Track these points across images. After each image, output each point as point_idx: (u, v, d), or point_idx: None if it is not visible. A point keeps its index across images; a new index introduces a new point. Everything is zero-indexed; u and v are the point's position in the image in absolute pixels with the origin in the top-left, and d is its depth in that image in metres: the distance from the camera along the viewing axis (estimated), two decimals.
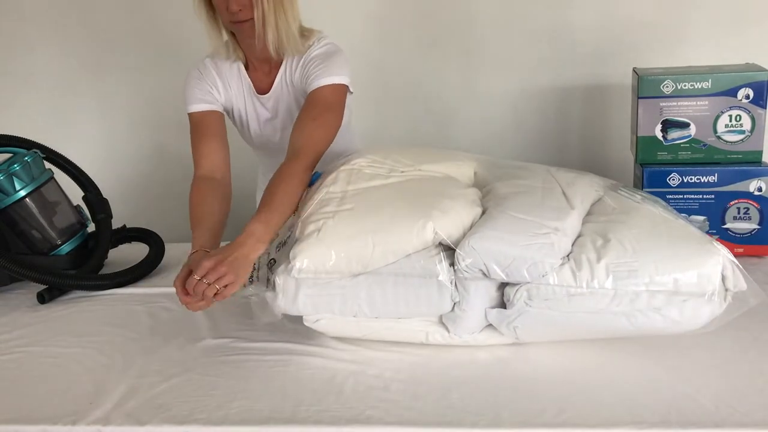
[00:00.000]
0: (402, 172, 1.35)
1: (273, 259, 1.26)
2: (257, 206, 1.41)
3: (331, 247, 1.16)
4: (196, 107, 1.58)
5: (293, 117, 1.59)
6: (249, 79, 1.63)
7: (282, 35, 1.51)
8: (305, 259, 1.15)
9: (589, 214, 1.28)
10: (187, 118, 1.59)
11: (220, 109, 1.60)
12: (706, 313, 1.12)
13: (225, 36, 1.58)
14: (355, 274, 1.18)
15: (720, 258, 1.11)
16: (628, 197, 1.33)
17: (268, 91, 1.62)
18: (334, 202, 1.24)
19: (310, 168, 1.41)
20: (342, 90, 1.54)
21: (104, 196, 1.82)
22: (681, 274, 1.11)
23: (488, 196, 1.30)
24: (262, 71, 1.63)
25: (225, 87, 1.63)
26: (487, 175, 1.41)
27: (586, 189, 1.34)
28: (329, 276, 1.18)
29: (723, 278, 1.12)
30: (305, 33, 1.59)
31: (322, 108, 1.49)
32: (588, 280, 1.11)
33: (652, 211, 1.26)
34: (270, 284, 1.21)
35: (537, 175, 1.38)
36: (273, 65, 1.61)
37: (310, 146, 1.43)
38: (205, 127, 1.57)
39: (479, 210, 1.23)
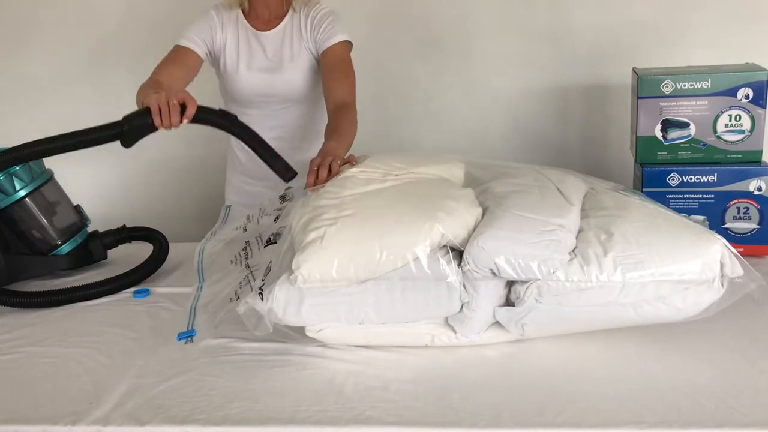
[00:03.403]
0: (396, 175, 1.35)
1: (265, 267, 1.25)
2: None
3: (336, 255, 1.14)
4: (186, 43, 1.77)
5: (291, 64, 1.79)
6: (247, 24, 1.81)
7: None
8: (310, 268, 1.13)
9: (583, 209, 1.29)
10: None
11: (198, 50, 1.77)
12: (707, 300, 1.16)
13: None
14: (362, 281, 1.17)
15: (719, 246, 1.15)
16: (618, 193, 1.36)
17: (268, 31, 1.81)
18: (333, 209, 1.22)
19: (356, 111, 1.70)
20: (350, 46, 1.80)
21: (104, 196, 1.81)
22: (685, 263, 1.14)
23: (484, 195, 1.31)
24: (261, 19, 1.81)
25: (223, 30, 1.81)
26: (478, 175, 1.42)
27: (577, 185, 1.37)
28: (335, 284, 1.16)
29: (721, 265, 1.15)
30: None
31: (345, 65, 1.76)
32: (597, 273, 1.13)
33: (647, 206, 1.29)
34: (263, 295, 1.18)
35: (528, 173, 1.39)
36: (273, 16, 1.80)
37: (351, 97, 1.74)
38: (180, 58, 1.76)
39: (480, 210, 1.23)
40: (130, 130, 1.41)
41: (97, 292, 1.54)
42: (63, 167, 1.87)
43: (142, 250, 1.73)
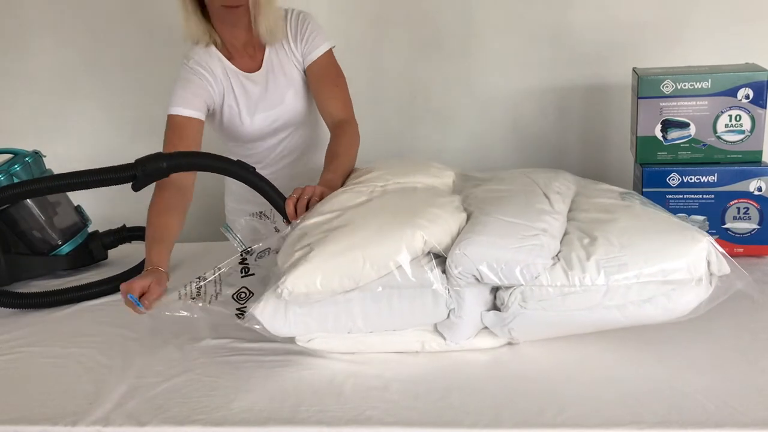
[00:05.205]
0: (382, 186, 1.36)
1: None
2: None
3: (320, 267, 1.14)
4: (181, 111, 1.57)
5: (290, 91, 1.70)
6: (234, 68, 1.67)
7: (272, 21, 1.60)
8: (295, 280, 1.13)
9: (569, 211, 1.30)
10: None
11: (202, 117, 1.60)
12: (695, 299, 1.14)
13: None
14: (347, 290, 1.17)
15: (705, 244, 1.14)
16: (611, 201, 1.34)
17: (257, 70, 1.69)
18: (318, 226, 1.23)
19: (356, 124, 1.67)
20: (333, 53, 1.71)
21: (104, 196, 1.82)
22: (669, 263, 1.12)
23: (468, 201, 1.31)
24: (246, 54, 1.68)
25: (216, 84, 1.65)
26: (465, 184, 1.42)
27: (564, 188, 1.36)
28: (321, 295, 1.16)
29: (708, 263, 1.14)
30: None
31: (334, 74, 1.69)
32: (580, 277, 1.12)
33: (633, 208, 1.28)
34: (244, 316, 1.19)
35: (515, 179, 1.40)
36: (257, 47, 1.68)
37: (349, 108, 1.69)
38: (184, 134, 1.56)
39: (464, 215, 1.24)
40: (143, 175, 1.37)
41: (93, 293, 1.54)
42: (63, 168, 1.87)
43: (142, 250, 1.73)
